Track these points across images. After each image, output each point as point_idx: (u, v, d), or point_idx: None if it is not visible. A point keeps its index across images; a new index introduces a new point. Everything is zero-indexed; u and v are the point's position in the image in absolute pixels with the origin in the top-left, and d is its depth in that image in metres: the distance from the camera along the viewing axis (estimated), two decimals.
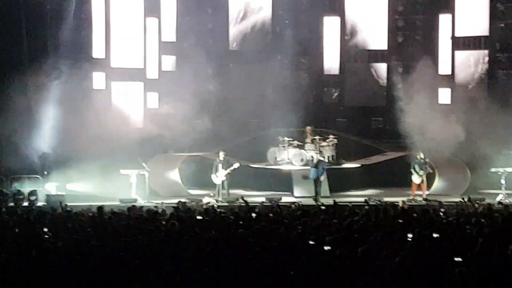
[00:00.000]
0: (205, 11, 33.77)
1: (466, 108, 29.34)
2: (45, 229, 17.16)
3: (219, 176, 27.60)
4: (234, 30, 34.13)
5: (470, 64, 32.42)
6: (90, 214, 20.33)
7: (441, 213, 20.55)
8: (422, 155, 27.69)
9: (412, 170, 27.75)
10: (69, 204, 23.99)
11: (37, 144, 28.99)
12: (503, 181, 27.47)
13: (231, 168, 27.66)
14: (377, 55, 34.17)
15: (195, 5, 33.58)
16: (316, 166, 28.03)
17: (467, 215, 19.94)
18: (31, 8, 29.31)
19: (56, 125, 28.79)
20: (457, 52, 32.65)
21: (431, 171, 28.00)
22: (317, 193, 27.51)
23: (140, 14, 32.20)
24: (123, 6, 31.84)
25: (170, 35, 33.22)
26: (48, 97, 29.19)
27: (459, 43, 32.80)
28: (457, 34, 32.74)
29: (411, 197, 27.22)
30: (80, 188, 28.33)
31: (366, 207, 21.79)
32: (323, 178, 27.93)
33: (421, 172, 27.63)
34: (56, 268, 13.28)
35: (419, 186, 27.85)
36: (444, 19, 33.00)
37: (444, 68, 32.81)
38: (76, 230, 16.86)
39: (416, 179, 27.75)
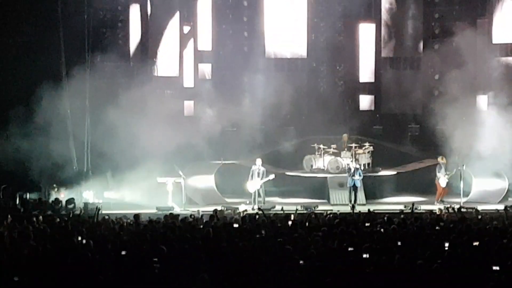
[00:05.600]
0: (241, 19, 33.84)
1: (503, 114, 29.11)
2: (81, 237, 17.27)
3: (254, 184, 27.63)
4: (270, 37, 34.13)
5: (507, 70, 32.15)
6: (127, 222, 20.45)
7: (479, 221, 20.41)
8: (444, 159, 27.84)
9: (438, 174, 27.88)
10: (106, 212, 24.16)
11: (75, 153, 29.32)
12: None
13: (266, 179, 27.68)
14: (413, 62, 33.98)
15: (231, 13, 33.69)
16: (351, 174, 28.06)
17: (505, 223, 19.80)
18: (68, 19, 29.56)
19: (93, 133, 29.03)
20: (494, 59, 32.41)
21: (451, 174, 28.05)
22: (350, 200, 27.56)
23: (176, 22, 32.39)
24: (159, 15, 32.03)
25: (206, 43, 33.35)
26: (86, 106, 29.47)
27: (497, 50, 32.56)
28: (494, 41, 32.52)
29: (448, 205, 27.03)
30: (117, 196, 28.52)
31: (402, 216, 21.69)
32: (358, 185, 28.00)
33: (447, 176, 27.80)
34: (93, 276, 13.36)
35: (442, 190, 27.98)
36: (481, 26, 32.78)
37: (480, 74, 32.56)
38: (113, 238, 16.95)
39: (443, 182, 27.84)
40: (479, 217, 21.55)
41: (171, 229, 18.33)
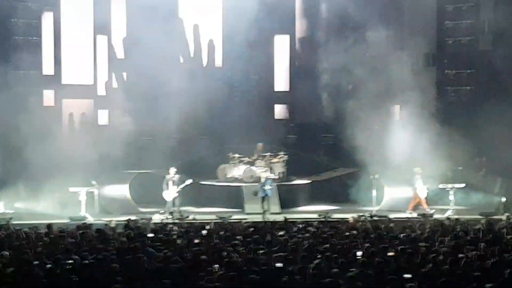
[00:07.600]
0: (155, 28, 33.65)
1: (415, 124, 29.58)
2: None
3: (171, 193, 27.52)
4: (184, 47, 34.09)
5: (419, 80, 32.70)
6: (39, 233, 20.12)
7: (391, 229, 20.69)
8: (421, 170, 27.88)
9: (416, 185, 27.92)
10: (17, 222, 23.72)
11: None
12: (451, 197, 27.75)
13: (184, 184, 27.61)
14: (327, 72, 34.31)
15: (145, 23, 33.48)
16: (262, 184, 28.21)
17: (417, 231, 20.12)
18: None
19: (4, 142, 28.50)
20: (406, 68, 32.95)
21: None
22: (264, 210, 27.55)
23: (90, 31, 32.09)
24: (73, 24, 31.70)
25: (119, 52, 33.12)
26: None
27: (409, 59, 33.10)
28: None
29: (361, 214, 27.30)
30: (29, 206, 28.02)
31: (315, 223, 21.87)
32: (270, 194, 28.04)
33: (425, 186, 27.90)
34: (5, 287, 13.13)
35: (421, 200, 28.02)
36: (394, 35, 33.24)
37: (393, 84, 33.03)
38: (25, 249, 16.67)
39: (423, 192, 27.90)
40: (391, 225, 21.86)
41: (84, 239, 18.13)
